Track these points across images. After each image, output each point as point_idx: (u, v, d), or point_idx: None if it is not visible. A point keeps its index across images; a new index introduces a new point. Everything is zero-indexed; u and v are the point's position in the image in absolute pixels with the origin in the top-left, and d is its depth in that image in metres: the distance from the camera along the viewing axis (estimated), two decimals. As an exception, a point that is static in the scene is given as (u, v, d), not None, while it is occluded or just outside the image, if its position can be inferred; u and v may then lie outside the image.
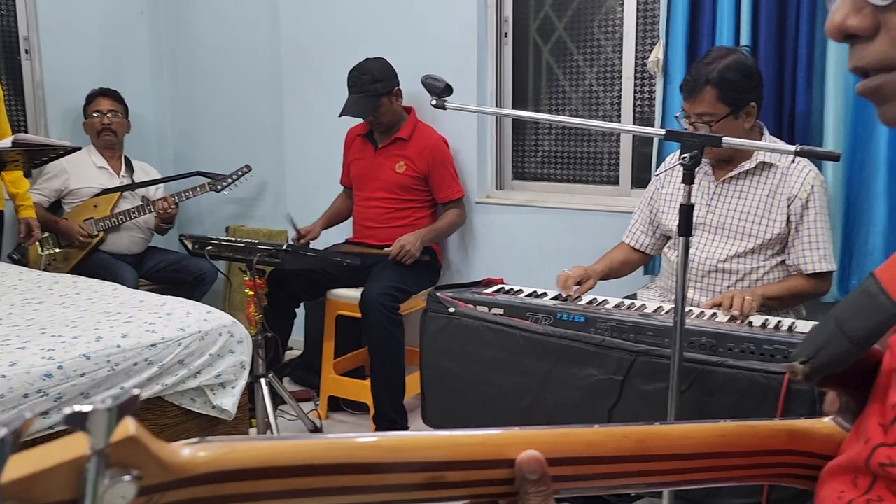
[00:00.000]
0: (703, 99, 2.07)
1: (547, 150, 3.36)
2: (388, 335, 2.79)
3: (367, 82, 2.98)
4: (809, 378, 0.72)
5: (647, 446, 0.69)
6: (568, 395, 1.90)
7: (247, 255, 2.56)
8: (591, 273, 2.20)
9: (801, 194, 2.11)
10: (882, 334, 0.65)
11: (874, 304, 0.65)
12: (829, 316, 0.72)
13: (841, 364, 0.69)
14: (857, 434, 0.70)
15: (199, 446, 0.48)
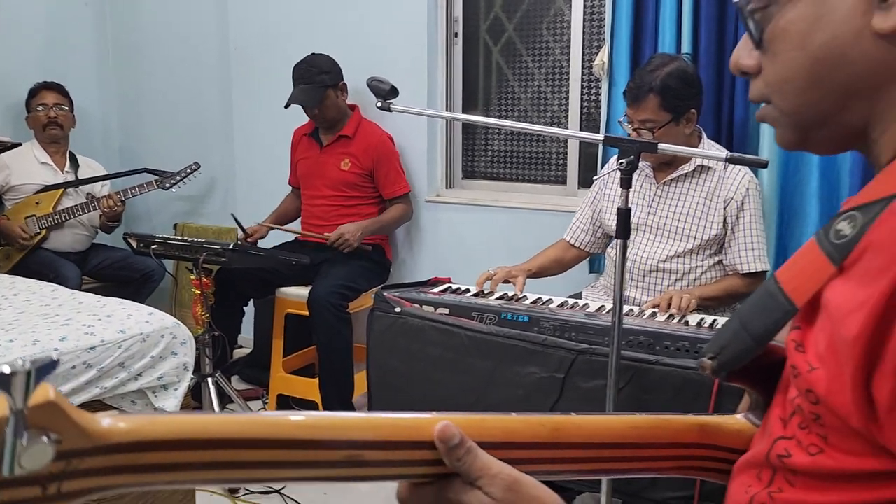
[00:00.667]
0: (646, 106, 2.13)
1: (496, 150, 3.40)
2: (336, 333, 2.80)
3: (314, 73, 2.99)
4: (717, 373, 0.76)
5: (562, 434, 0.72)
6: (511, 393, 1.94)
7: (193, 255, 2.54)
8: (518, 272, 2.24)
9: (737, 197, 2.19)
10: (778, 331, 0.69)
11: (773, 303, 0.69)
12: (734, 314, 0.77)
13: (744, 359, 0.73)
14: (763, 429, 0.74)
15: (120, 417, 0.49)
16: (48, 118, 3.45)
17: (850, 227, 0.62)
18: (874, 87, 0.63)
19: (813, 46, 0.64)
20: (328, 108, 3.04)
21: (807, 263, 0.67)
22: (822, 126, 0.68)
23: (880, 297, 0.54)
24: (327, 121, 3.08)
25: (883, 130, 0.66)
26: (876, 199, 0.61)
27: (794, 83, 0.66)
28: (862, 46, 0.62)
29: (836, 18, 0.62)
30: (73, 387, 1.62)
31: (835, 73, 0.64)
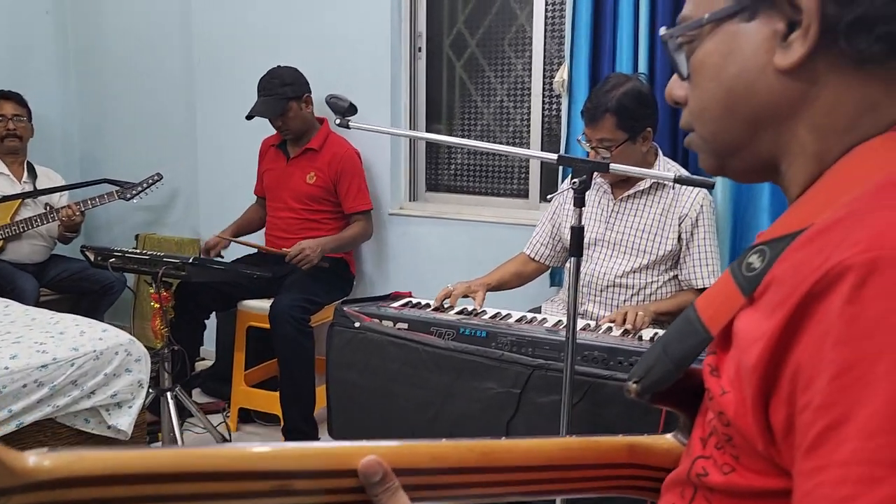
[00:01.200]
0: (602, 126, 2.17)
1: (460, 163, 3.43)
2: (297, 347, 2.80)
3: (276, 85, 2.99)
4: (641, 396, 0.80)
5: (492, 458, 0.74)
6: (469, 408, 1.96)
7: (152, 268, 2.51)
8: (477, 286, 2.27)
9: (691, 214, 2.24)
10: (696, 356, 0.72)
11: (691, 330, 0.72)
12: (658, 339, 0.80)
13: (665, 382, 0.76)
14: (686, 448, 0.77)
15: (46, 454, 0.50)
16: (6, 130, 3.41)
17: (759, 260, 0.65)
18: (779, 119, 0.67)
19: (725, 78, 0.68)
20: (292, 120, 3.04)
21: (722, 293, 0.70)
22: (735, 154, 0.72)
23: (776, 329, 0.57)
24: (292, 132, 3.08)
25: (790, 164, 0.69)
26: (784, 235, 0.63)
27: (710, 112, 0.71)
28: (767, 81, 0.66)
29: (746, 53, 0.66)
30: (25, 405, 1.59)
31: (744, 104, 0.68)
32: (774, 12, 0.64)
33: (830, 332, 0.52)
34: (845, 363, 0.51)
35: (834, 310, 0.52)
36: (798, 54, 0.63)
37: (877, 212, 0.54)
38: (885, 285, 0.50)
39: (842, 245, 0.53)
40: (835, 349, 0.52)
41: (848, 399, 0.50)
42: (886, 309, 0.50)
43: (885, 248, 0.50)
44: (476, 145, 1.70)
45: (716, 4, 0.69)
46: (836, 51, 0.62)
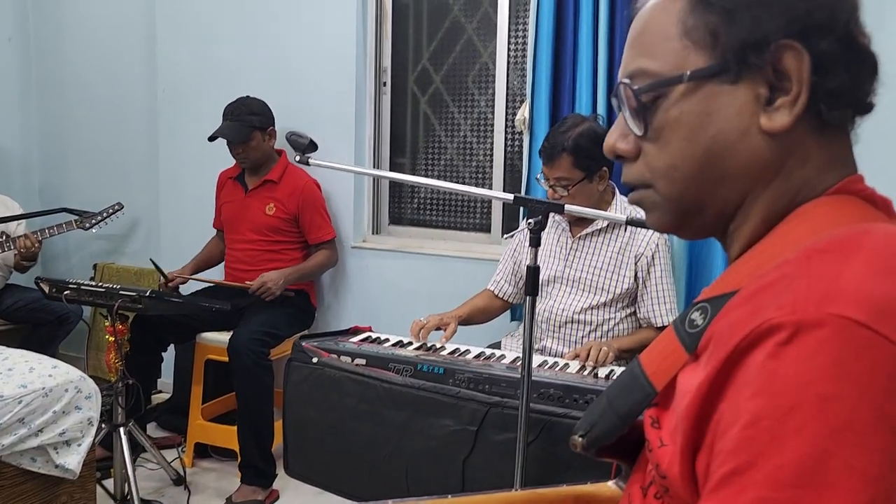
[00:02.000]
0: (559, 165, 2.21)
1: (423, 197, 3.45)
2: (256, 381, 2.77)
3: (244, 112, 3.00)
4: (587, 450, 0.81)
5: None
6: (425, 445, 1.95)
7: (107, 301, 2.48)
8: (449, 319, 2.28)
9: (647, 252, 2.28)
10: (641, 412, 0.73)
11: (636, 385, 0.74)
12: (603, 393, 0.81)
13: (611, 437, 0.77)
14: (626, 497, 0.79)
15: None
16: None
17: (701, 317, 0.67)
18: (752, 181, 0.69)
19: (703, 139, 0.68)
20: (253, 150, 3.03)
21: (666, 349, 0.71)
22: (698, 214, 0.72)
23: (705, 381, 0.59)
24: (251, 162, 3.07)
25: (739, 224, 0.72)
26: (723, 294, 0.66)
27: (681, 171, 0.70)
28: (748, 142, 0.67)
29: (728, 115, 0.67)
30: (-31, 443, 1.56)
31: (720, 164, 0.68)
32: (759, 77, 0.66)
33: (750, 384, 0.54)
34: (759, 413, 0.52)
35: (756, 364, 0.54)
36: (787, 119, 0.65)
37: (803, 279, 0.56)
38: (805, 346, 0.52)
39: (770, 306, 0.55)
40: (751, 399, 0.53)
41: (756, 447, 0.52)
42: (804, 368, 0.51)
43: (808, 313, 0.52)
44: (430, 183, 1.72)
45: (689, 62, 0.68)
46: (808, 115, 0.65)
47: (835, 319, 0.51)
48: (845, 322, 0.51)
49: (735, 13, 0.66)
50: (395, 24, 3.35)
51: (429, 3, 3.32)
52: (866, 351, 0.50)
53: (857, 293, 0.53)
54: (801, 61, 0.64)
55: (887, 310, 0.52)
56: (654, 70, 0.70)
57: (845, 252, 0.57)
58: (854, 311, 0.52)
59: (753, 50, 0.65)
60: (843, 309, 0.52)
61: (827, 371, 0.50)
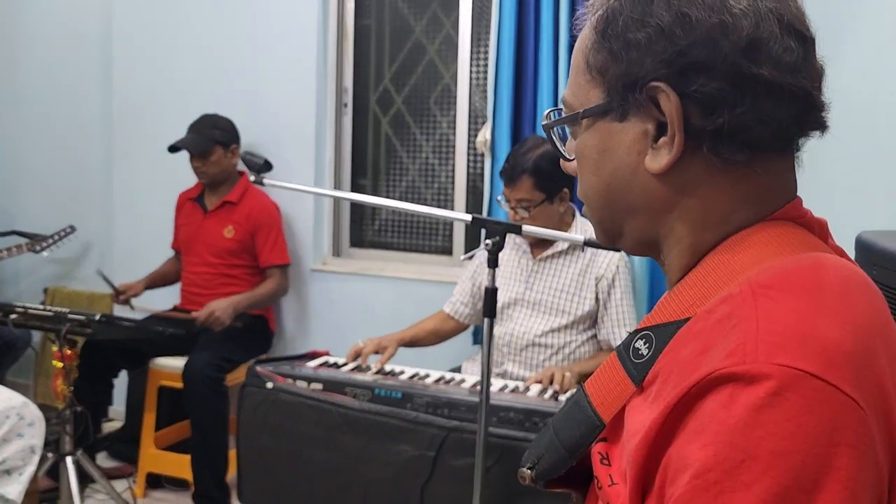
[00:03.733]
0: (520, 187, 2.20)
1: (385, 219, 3.42)
2: (211, 408, 2.69)
3: (208, 126, 2.95)
4: (535, 482, 0.78)
5: None
6: (382, 472, 1.90)
7: (55, 325, 2.39)
8: (387, 342, 2.24)
9: (608, 274, 2.27)
10: (589, 444, 0.71)
11: (583, 416, 0.72)
12: (549, 424, 0.79)
13: (559, 469, 0.75)
14: None
15: None
16: None
17: (646, 347, 0.66)
18: (655, 214, 0.69)
19: (603, 174, 0.70)
20: (212, 165, 2.97)
21: (612, 381, 0.69)
22: (619, 237, 0.74)
23: (655, 423, 0.57)
24: (209, 177, 3.00)
25: (668, 252, 0.71)
26: (668, 322, 0.65)
27: (591, 200, 0.73)
28: (640, 180, 0.68)
29: (619, 153, 0.68)
30: None
31: (621, 199, 0.70)
32: (647, 115, 0.65)
33: (702, 433, 0.53)
34: (709, 464, 0.52)
35: (708, 412, 0.53)
36: (666, 160, 0.65)
37: (751, 321, 0.55)
38: (757, 398, 0.51)
39: (720, 351, 0.54)
40: (703, 449, 0.52)
41: (703, 499, 0.51)
42: (755, 421, 0.51)
43: (758, 363, 0.52)
44: (386, 204, 1.69)
45: (590, 99, 0.69)
46: (703, 153, 0.64)
47: (786, 371, 0.51)
48: (796, 374, 0.51)
49: (618, 52, 0.66)
50: (357, 44, 3.33)
51: (391, 23, 3.32)
52: (818, 404, 0.50)
53: (808, 340, 0.53)
54: (670, 103, 0.63)
55: (838, 357, 0.52)
56: (570, 102, 0.72)
57: (792, 290, 0.57)
58: (805, 361, 0.51)
59: (630, 90, 0.65)
60: (794, 360, 0.52)
61: (778, 426, 0.50)
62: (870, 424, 0.51)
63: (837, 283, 0.58)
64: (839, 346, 0.53)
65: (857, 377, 0.52)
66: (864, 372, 0.53)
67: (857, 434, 0.50)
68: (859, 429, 0.51)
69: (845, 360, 0.52)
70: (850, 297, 0.58)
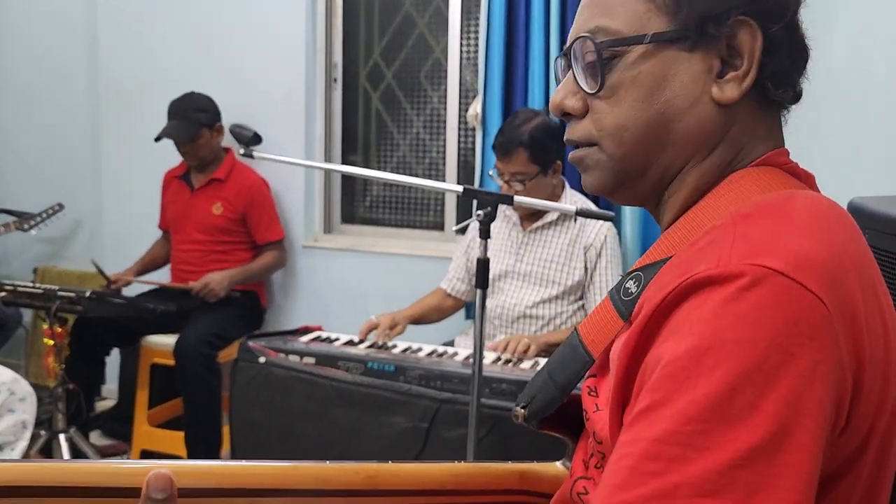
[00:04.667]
0: (516, 160, 2.19)
1: (376, 195, 3.40)
2: (203, 384, 2.69)
3: (190, 110, 2.91)
4: (528, 421, 0.80)
5: (378, 482, 0.72)
6: (376, 444, 1.91)
7: (45, 303, 2.39)
8: (399, 319, 2.25)
9: (596, 243, 2.27)
10: (579, 380, 0.74)
11: (574, 355, 0.75)
12: (543, 367, 0.81)
13: (551, 407, 0.78)
14: (570, 472, 0.78)
15: None
16: None
17: (634, 285, 0.69)
18: (695, 148, 0.70)
19: (657, 101, 0.69)
20: (200, 148, 2.95)
21: (602, 318, 0.73)
22: (639, 177, 0.72)
23: (631, 338, 0.60)
24: (198, 159, 2.98)
25: (673, 192, 0.72)
26: (656, 261, 0.68)
27: (631, 132, 0.70)
28: (699, 110, 0.68)
29: (682, 81, 0.68)
30: None
31: (669, 129, 0.69)
32: (713, 48, 0.68)
33: (677, 332, 0.56)
34: (678, 354, 0.54)
35: (683, 313, 0.56)
36: (736, 92, 0.68)
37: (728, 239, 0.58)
38: (726, 293, 0.54)
39: (696, 265, 0.57)
40: (675, 344, 0.55)
41: (671, 385, 0.53)
42: (723, 313, 0.54)
43: (731, 265, 0.55)
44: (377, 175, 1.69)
45: (650, 25, 0.68)
46: (753, 91, 0.68)
47: (756, 269, 0.54)
48: (766, 271, 0.53)
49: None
50: (346, 19, 3.30)
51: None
52: (784, 298, 0.53)
53: (778, 247, 0.55)
54: (754, 39, 0.67)
55: (807, 263, 0.54)
56: (615, 29, 0.70)
57: (769, 215, 0.60)
58: (774, 262, 0.54)
59: (713, 21, 0.67)
60: (765, 260, 0.54)
61: (745, 317, 0.52)
62: (834, 324, 0.53)
63: (815, 210, 0.61)
64: (810, 255, 0.55)
65: (825, 282, 0.54)
66: (833, 282, 0.55)
67: (820, 330, 0.52)
68: (823, 325, 0.53)
69: (814, 266, 0.54)
70: (826, 223, 0.60)
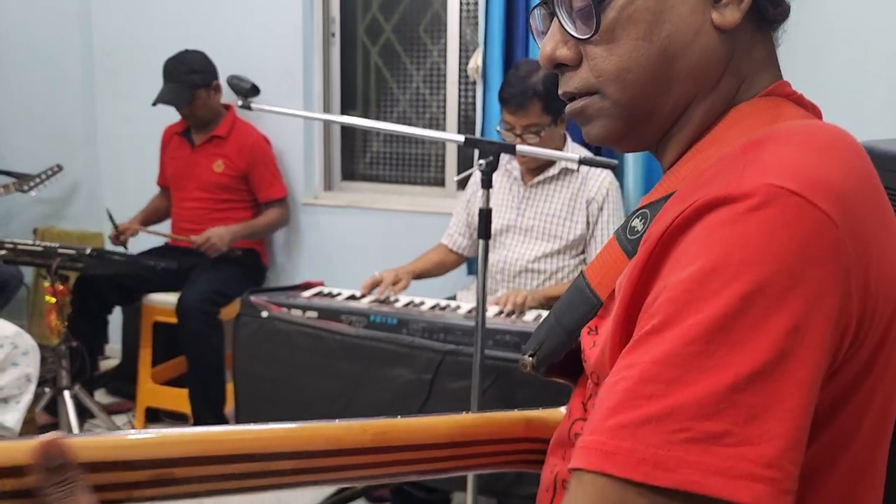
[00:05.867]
0: (531, 111, 2.14)
1: (376, 151, 3.37)
2: (206, 342, 2.70)
3: (184, 72, 2.87)
4: (537, 368, 0.79)
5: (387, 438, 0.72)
6: (380, 396, 1.91)
7: (46, 260, 2.38)
8: (402, 274, 2.24)
9: (598, 197, 2.25)
10: (586, 323, 0.72)
11: (581, 298, 0.73)
12: (551, 311, 0.80)
13: (558, 353, 0.76)
14: (568, 411, 0.77)
15: None
16: None
17: (640, 223, 0.67)
18: (702, 81, 0.67)
19: (658, 37, 0.65)
20: (199, 108, 2.92)
21: (609, 259, 0.71)
22: (647, 119, 0.69)
23: (637, 265, 0.58)
24: (198, 120, 2.96)
25: (678, 130, 0.70)
26: (661, 197, 0.66)
27: (635, 73, 0.66)
28: (701, 40, 0.65)
29: (681, 12, 0.65)
30: None
31: (674, 64, 0.66)
32: None
33: (680, 259, 0.54)
34: (684, 279, 0.53)
35: (691, 237, 0.54)
36: (737, 14, 0.65)
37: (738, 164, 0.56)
38: (736, 213, 0.52)
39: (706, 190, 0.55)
40: (682, 269, 0.53)
41: (674, 308, 0.52)
42: (731, 233, 0.52)
43: (743, 186, 0.53)
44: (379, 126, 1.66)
45: None
46: (749, 14, 0.66)
47: (768, 188, 0.52)
48: (778, 190, 0.51)
49: None
50: (343, -29, 3.24)
51: (377, -50, 3.21)
52: (796, 218, 0.51)
53: (790, 168, 0.53)
54: None
55: (820, 183, 0.52)
56: None
57: (781, 141, 0.58)
58: (787, 181, 0.52)
59: None
60: (777, 179, 0.52)
61: (754, 237, 0.51)
62: (846, 248, 0.51)
63: (828, 137, 0.59)
64: (824, 176, 0.53)
65: (838, 204, 0.52)
66: (846, 205, 0.53)
67: (830, 254, 0.51)
68: (835, 249, 0.51)
69: (828, 187, 0.52)
70: (840, 149, 0.58)
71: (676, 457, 0.48)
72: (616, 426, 0.51)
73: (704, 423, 0.48)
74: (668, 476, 0.48)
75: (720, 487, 0.47)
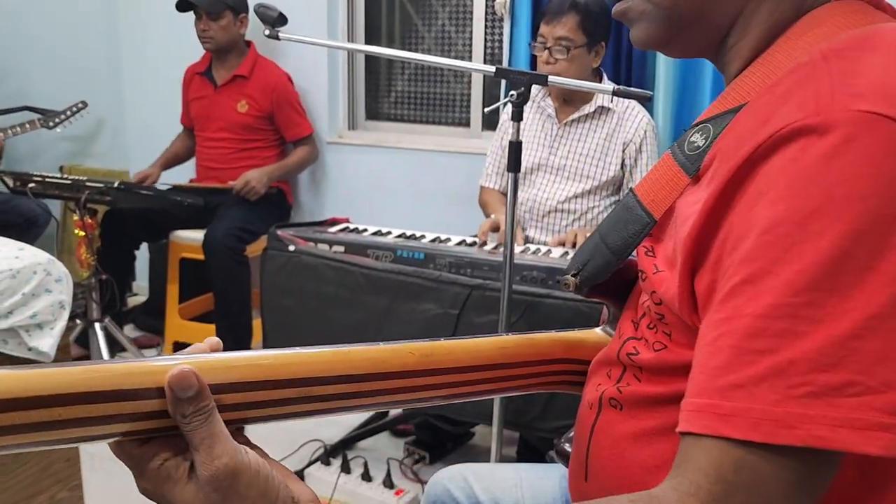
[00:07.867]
0: (565, 23, 2.10)
1: (400, 91, 3.33)
2: (233, 278, 2.72)
3: None
4: (580, 289, 0.78)
5: (433, 360, 0.71)
6: (406, 330, 1.93)
7: (74, 193, 2.40)
8: (498, 221, 2.16)
9: (636, 139, 2.22)
10: (637, 243, 0.70)
11: (632, 217, 0.70)
12: (595, 231, 0.78)
13: (604, 273, 0.74)
14: (616, 332, 0.76)
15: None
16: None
17: (702, 138, 0.63)
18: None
19: None
20: (220, 30, 2.87)
21: (663, 176, 0.68)
22: (693, 23, 0.66)
23: (711, 196, 0.55)
24: (215, 43, 2.90)
25: (739, 38, 0.66)
26: (726, 111, 0.62)
27: None
28: None
29: None
30: (-65, 328, 1.51)
31: None
32: None
33: (767, 192, 0.50)
34: (776, 219, 0.49)
35: (775, 170, 0.50)
36: None
37: (823, 78, 0.51)
38: (831, 145, 0.48)
39: (790, 110, 0.51)
40: (770, 207, 0.50)
41: (772, 254, 0.49)
42: (829, 168, 0.48)
43: (834, 111, 0.49)
44: (408, 56, 1.63)
45: None
46: None
47: (863, 116, 0.48)
48: (874, 118, 0.47)
49: None
50: None
51: None
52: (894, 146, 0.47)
53: (883, 87, 0.49)
54: None
55: None
56: None
57: (864, 48, 0.53)
58: (881, 105, 0.48)
59: None
60: (871, 105, 0.48)
61: (854, 170, 0.47)
62: None
63: None
64: None
65: None
66: None
67: None
68: None
69: None
70: None
71: (798, 413, 0.46)
72: (728, 386, 0.49)
73: (823, 375, 0.46)
74: (792, 434, 0.46)
75: (848, 441, 0.46)
